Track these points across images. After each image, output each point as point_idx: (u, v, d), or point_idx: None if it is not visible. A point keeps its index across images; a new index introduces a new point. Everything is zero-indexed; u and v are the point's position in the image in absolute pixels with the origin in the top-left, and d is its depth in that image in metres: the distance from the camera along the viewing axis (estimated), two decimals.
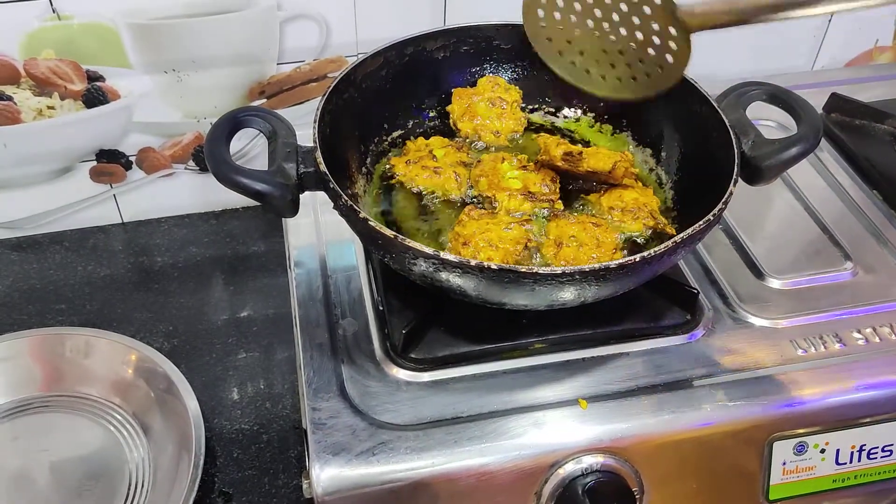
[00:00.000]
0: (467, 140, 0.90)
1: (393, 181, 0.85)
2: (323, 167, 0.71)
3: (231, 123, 0.75)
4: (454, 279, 0.66)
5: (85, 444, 0.89)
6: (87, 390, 0.93)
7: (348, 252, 0.88)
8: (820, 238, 0.91)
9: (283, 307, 1.05)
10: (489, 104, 0.89)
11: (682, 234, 0.67)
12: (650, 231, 0.80)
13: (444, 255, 0.64)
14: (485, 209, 0.80)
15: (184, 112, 1.08)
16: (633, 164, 0.85)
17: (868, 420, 0.76)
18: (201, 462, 0.83)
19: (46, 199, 1.11)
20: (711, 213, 0.69)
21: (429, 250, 0.65)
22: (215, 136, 0.73)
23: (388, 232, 0.66)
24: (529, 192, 0.81)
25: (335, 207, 0.72)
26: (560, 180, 0.83)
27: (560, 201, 0.82)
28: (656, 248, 0.66)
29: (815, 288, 0.85)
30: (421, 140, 0.89)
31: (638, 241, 0.80)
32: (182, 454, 0.85)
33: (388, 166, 0.87)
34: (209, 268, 1.11)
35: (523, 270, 0.63)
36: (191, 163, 1.13)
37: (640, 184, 0.84)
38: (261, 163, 0.74)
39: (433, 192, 0.84)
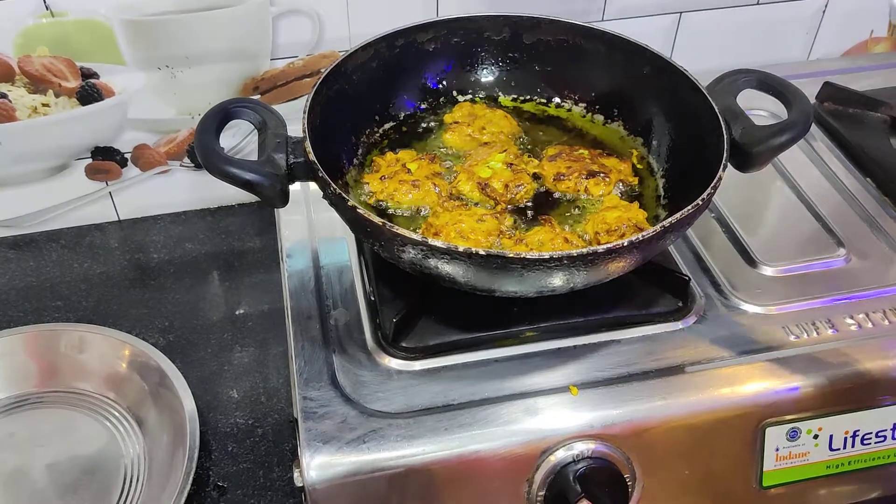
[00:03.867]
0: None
1: (371, 200, 0.82)
2: (312, 157, 0.71)
3: (221, 115, 0.75)
4: (443, 266, 0.66)
5: (80, 439, 0.89)
6: (81, 385, 0.93)
7: (340, 247, 0.88)
8: (813, 225, 0.90)
9: (278, 303, 1.04)
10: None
11: (670, 219, 0.67)
12: None
13: (432, 241, 0.64)
14: (460, 200, 0.81)
15: (178, 109, 1.08)
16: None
17: (861, 406, 0.75)
18: (196, 455, 0.83)
19: (42, 197, 1.11)
20: (700, 198, 0.69)
21: (417, 237, 0.65)
22: (205, 127, 0.73)
23: (377, 219, 0.66)
24: (486, 185, 0.81)
25: (325, 196, 0.72)
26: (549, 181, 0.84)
27: (507, 214, 0.80)
28: (644, 233, 0.66)
29: (808, 275, 0.84)
30: (390, 155, 0.86)
31: None
32: (177, 448, 0.85)
33: (363, 183, 0.84)
34: (205, 264, 1.11)
35: (511, 256, 0.63)
36: (186, 160, 1.13)
37: (624, 201, 0.82)
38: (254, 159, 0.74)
39: (415, 208, 0.82)
